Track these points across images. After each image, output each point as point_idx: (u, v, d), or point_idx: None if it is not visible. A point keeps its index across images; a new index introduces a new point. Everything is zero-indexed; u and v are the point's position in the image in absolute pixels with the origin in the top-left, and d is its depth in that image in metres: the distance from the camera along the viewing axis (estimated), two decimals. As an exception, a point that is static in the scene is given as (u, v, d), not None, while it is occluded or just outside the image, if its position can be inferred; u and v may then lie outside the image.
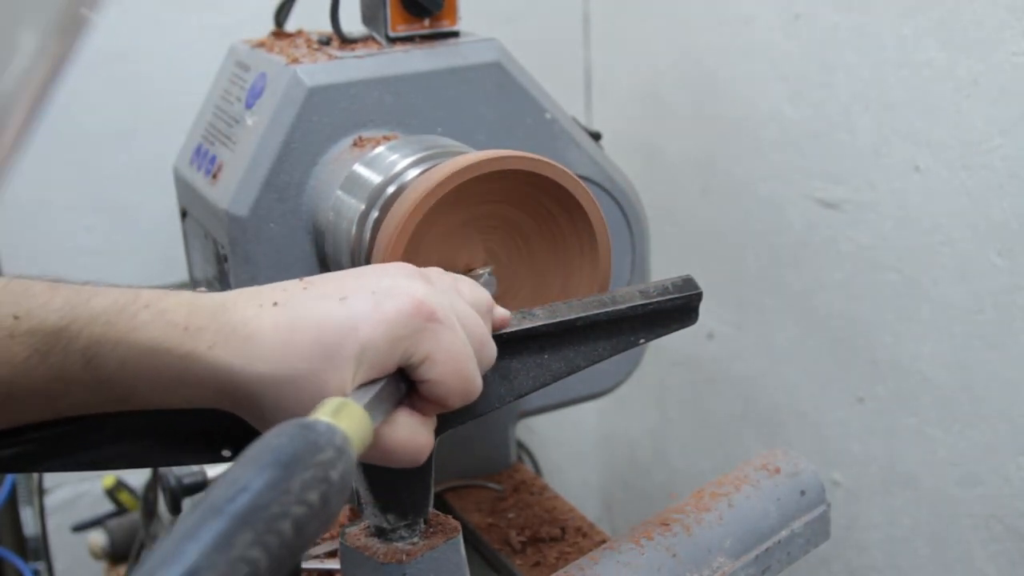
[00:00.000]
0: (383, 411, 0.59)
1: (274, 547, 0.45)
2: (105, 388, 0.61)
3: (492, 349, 0.67)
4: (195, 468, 1.08)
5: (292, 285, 0.63)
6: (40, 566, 1.42)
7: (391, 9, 1.04)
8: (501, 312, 0.70)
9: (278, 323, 0.60)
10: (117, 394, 0.61)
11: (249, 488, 0.46)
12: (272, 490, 0.46)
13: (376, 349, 0.59)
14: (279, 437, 0.49)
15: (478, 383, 0.64)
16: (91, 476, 1.65)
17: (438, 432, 0.68)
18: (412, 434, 0.63)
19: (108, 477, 1.57)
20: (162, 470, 1.10)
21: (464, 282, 0.69)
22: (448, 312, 0.62)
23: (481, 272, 0.86)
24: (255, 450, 0.49)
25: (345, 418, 0.53)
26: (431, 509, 0.71)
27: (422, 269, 0.66)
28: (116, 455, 0.70)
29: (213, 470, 1.08)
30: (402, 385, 0.62)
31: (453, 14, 1.07)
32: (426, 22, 1.06)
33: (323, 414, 0.53)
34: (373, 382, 0.60)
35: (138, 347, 0.60)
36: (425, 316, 0.60)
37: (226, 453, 0.69)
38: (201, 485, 1.08)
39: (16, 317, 0.58)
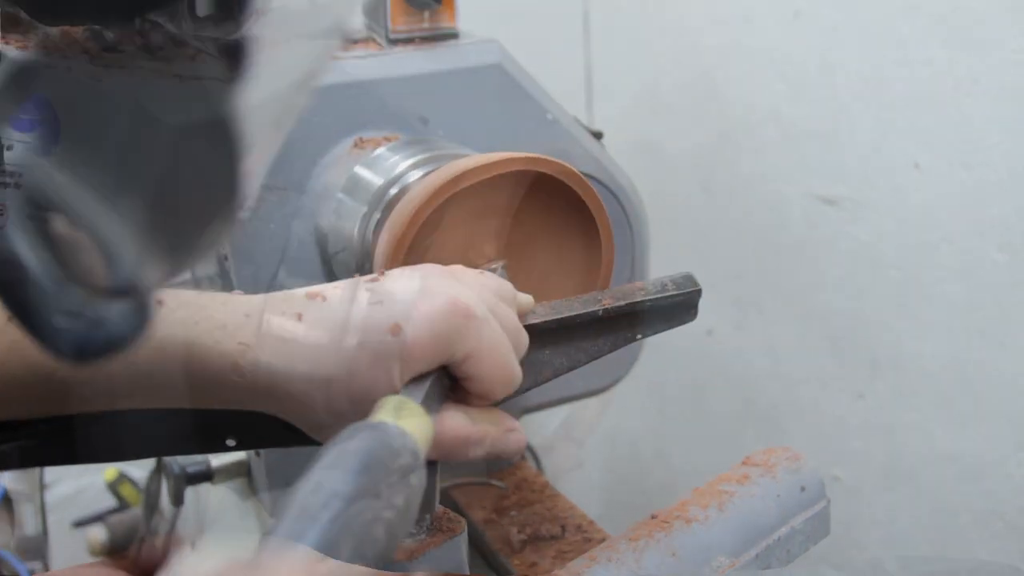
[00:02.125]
0: (436, 409, 0.60)
1: (369, 555, 0.45)
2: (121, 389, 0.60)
3: (525, 337, 0.68)
4: (199, 457, 1.08)
5: (314, 293, 0.63)
6: (36, 564, 1.42)
7: (391, 4, 1.04)
8: (524, 298, 0.71)
9: (317, 326, 0.60)
10: (140, 396, 0.60)
11: (340, 494, 0.46)
12: (364, 495, 0.46)
13: (421, 348, 0.59)
14: (355, 441, 0.50)
15: (519, 373, 0.65)
16: (93, 471, 1.65)
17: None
18: (461, 426, 0.62)
19: (110, 470, 1.58)
20: (166, 459, 1.10)
21: (488, 276, 0.70)
22: (483, 307, 0.62)
23: (495, 267, 0.86)
24: (334, 455, 0.49)
25: (408, 419, 0.53)
26: (439, 506, 0.72)
27: (447, 268, 0.67)
28: (117, 448, 0.70)
29: (217, 459, 1.08)
30: (446, 380, 0.63)
31: (452, 12, 1.07)
32: (426, 14, 1.06)
33: (386, 415, 0.53)
34: (421, 379, 0.60)
35: (171, 342, 0.58)
36: (463, 314, 0.61)
37: (230, 443, 0.69)
38: (205, 474, 1.07)
39: None
